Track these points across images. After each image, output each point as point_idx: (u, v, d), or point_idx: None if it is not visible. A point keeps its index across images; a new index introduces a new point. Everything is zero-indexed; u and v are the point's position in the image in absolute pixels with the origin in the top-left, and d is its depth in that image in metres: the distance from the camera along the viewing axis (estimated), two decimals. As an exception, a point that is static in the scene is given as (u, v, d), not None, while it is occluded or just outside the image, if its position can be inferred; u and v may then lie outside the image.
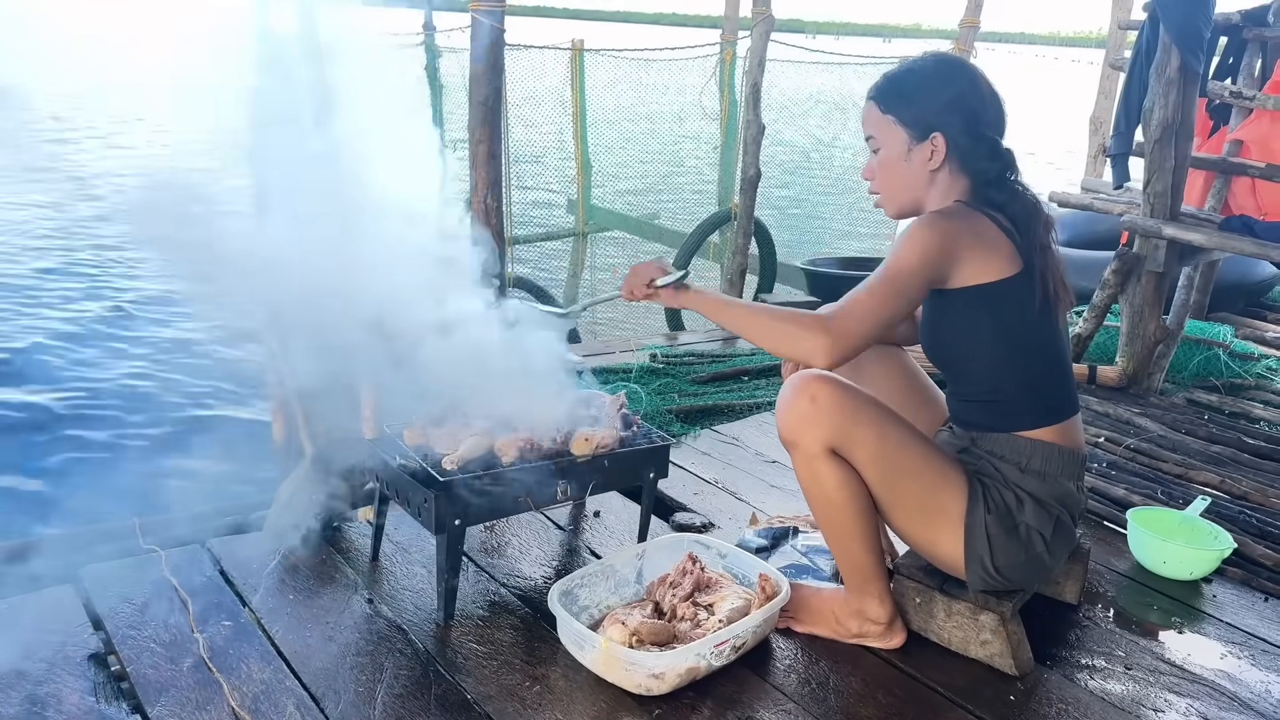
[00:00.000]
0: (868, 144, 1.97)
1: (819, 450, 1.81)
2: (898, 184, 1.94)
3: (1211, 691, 1.95)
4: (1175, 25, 3.38)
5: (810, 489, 1.88)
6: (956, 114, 1.87)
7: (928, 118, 1.87)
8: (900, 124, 1.90)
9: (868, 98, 1.95)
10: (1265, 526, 2.65)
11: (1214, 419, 3.61)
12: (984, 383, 1.93)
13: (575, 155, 7.03)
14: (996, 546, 1.87)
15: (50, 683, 1.77)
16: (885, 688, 1.89)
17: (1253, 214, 4.29)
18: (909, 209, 1.96)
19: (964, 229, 1.82)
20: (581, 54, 6.71)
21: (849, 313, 1.76)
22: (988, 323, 1.86)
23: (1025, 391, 1.92)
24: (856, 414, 1.81)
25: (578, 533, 2.48)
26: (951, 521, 1.89)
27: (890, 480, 1.86)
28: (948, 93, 1.88)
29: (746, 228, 6.02)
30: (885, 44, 44.27)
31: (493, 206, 3.83)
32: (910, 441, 1.87)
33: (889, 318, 1.78)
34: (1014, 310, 1.86)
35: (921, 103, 1.88)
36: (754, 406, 3.51)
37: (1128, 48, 4.87)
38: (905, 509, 1.90)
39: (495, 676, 1.85)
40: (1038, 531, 1.89)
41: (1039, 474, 1.91)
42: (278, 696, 1.76)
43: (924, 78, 1.91)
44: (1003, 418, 1.94)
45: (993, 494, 1.89)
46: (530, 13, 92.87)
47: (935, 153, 1.88)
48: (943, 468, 1.89)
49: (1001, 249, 1.83)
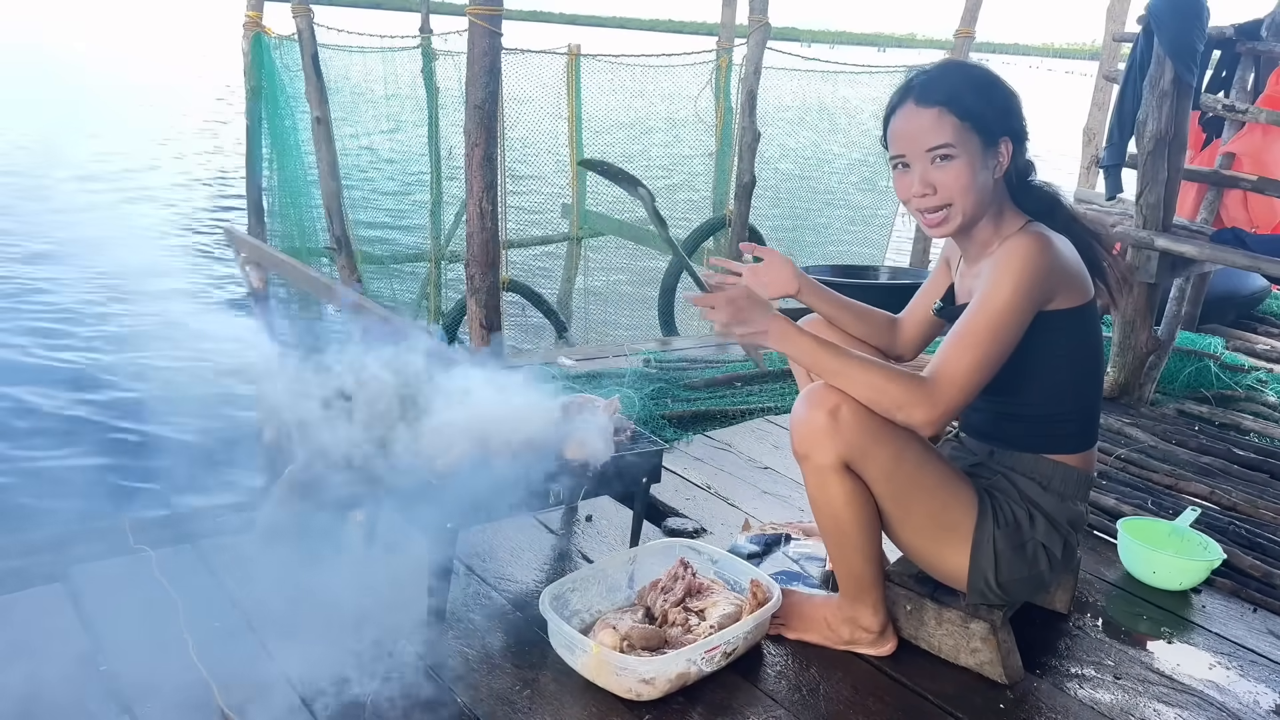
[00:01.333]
0: (932, 153, 1.78)
1: (832, 464, 1.77)
2: (975, 196, 1.80)
3: (1200, 702, 1.96)
4: (1169, 38, 3.40)
5: (818, 502, 1.85)
6: (1015, 118, 1.82)
7: (995, 123, 1.80)
8: (975, 131, 1.78)
9: (930, 104, 1.78)
10: (1254, 537, 2.66)
11: (1204, 430, 3.62)
12: (1040, 404, 1.90)
13: (570, 160, 7.04)
14: (1003, 563, 1.86)
15: (39, 683, 1.76)
16: (875, 695, 1.89)
17: (1244, 226, 4.31)
18: (972, 223, 1.85)
19: (1061, 256, 1.78)
20: (578, 59, 6.72)
21: (952, 378, 1.70)
22: (1064, 346, 1.84)
23: (1077, 416, 1.93)
24: (877, 431, 1.75)
25: (569, 537, 2.48)
26: (960, 538, 1.86)
27: (902, 497, 1.83)
28: (1004, 95, 1.82)
29: (741, 234, 6.04)
30: (880, 53, 44.41)
31: (488, 210, 3.84)
32: (925, 459, 1.83)
33: (991, 372, 1.72)
34: (1089, 335, 1.87)
35: (991, 106, 1.80)
36: (747, 412, 3.51)
37: (1121, 60, 4.90)
38: (914, 525, 1.87)
39: (486, 680, 1.85)
40: (1046, 549, 1.89)
41: (1059, 494, 1.91)
42: (268, 699, 1.75)
43: (983, 80, 1.82)
44: (1045, 439, 1.92)
45: (1003, 510, 1.88)
46: (526, 17, 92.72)
47: (1002, 161, 1.82)
48: (954, 485, 1.87)
49: (1083, 273, 1.83)
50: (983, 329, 1.72)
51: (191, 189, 12.43)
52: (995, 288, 1.73)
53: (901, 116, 1.83)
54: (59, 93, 18.14)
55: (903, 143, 1.83)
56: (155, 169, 13.27)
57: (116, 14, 52.76)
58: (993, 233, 1.88)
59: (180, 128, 16.70)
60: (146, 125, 16.67)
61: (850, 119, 7.86)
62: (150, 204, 11.79)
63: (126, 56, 27.46)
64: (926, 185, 1.81)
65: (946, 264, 2.14)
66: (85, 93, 19.56)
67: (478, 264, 3.89)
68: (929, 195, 1.81)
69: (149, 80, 22.01)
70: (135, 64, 25.46)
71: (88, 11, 51.16)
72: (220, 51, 17.30)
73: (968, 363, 1.71)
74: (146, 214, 11.26)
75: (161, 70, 24.43)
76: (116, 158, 13.74)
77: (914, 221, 1.94)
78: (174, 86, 21.86)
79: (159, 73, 23.77)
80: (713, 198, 7.23)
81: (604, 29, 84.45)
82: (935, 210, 1.83)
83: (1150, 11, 3.50)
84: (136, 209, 11.45)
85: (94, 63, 24.18)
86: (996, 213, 1.87)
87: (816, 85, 7.56)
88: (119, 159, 13.81)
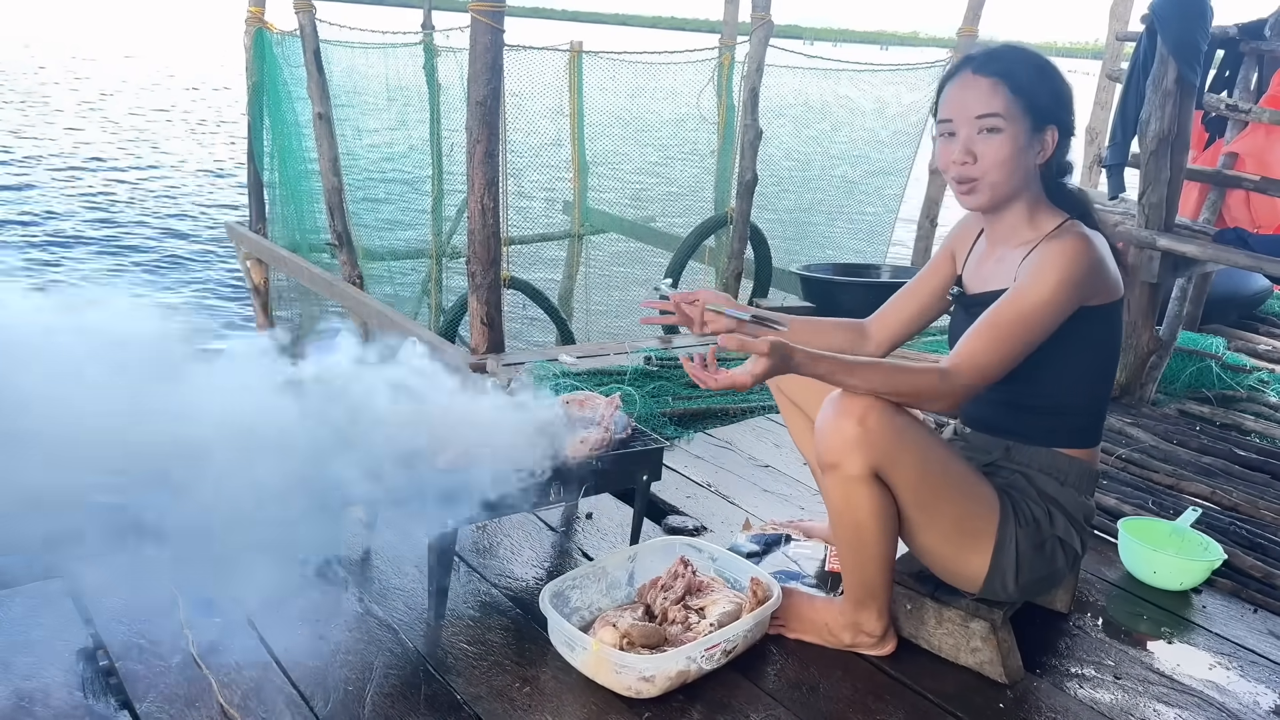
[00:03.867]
0: (980, 121, 1.77)
1: (861, 474, 1.73)
2: (1012, 173, 1.80)
3: (1200, 702, 1.96)
4: (1173, 37, 3.39)
5: (842, 512, 1.81)
6: (1065, 109, 1.82)
7: (1046, 107, 1.79)
8: (1026, 111, 1.77)
9: (987, 74, 1.78)
10: (1255, 538, 2.66)
11: (1205, 430, 3.62)
12: (1056, 395, 1.90)
13: (572, 157, 7.03)
14: (1024, 563, 1.86)
15: (38, 678, 1.76)
16: (875, 694, 1.89)
17: (1247, 226, 4.31)
18: (1003, 202, 1.85)
19: (1104, 258, 1.79)
20: (580, 56, 6.71)
21: (980, 367, 1.71)
22: (1090, 340, 1.84)
23: (1090, 410, 1.93)
24: (904, 437, 1.73)
25: (570, 534, 2.48)
26: (983, 541, 1.85)
27: (927, 503, 1.81)
28: (1060, 84, 1.81)
29: (743, 232, 6.03)
30: (883, 51, 44.34)
31: (489, 206, 3.84)
32: (949, 462, 1.82)
33: (1015, 364, 1.74)
34: (1114, 332, 1.87)
35: (1046, 91, 1.79)
36: (748, 411, 3.51)
37: (1124, 59, 4.89)
38: (939, 530, 1.85)
39: (485, 677, 1.85)
40: (1064, 544, 1.89)
41: (1075, 489, 1.91)
42: (267, 694, 1.75)
43: (1041, 64, 1.81)
44: (1057, 432, 1.93)
45: (1023, 509, 1.88)
46: (528, 14, 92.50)
47: (1045, 147, 1.82)
48: (977, 487, 1.85)
49: (1117, 272, 1.83)
50: (1018, 321, 1.72)
51: (193, 185, 12.43)
52: (1037, 283, 1.73)
53: (957, 84, 1.83)
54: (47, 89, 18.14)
55: (953, 108, 1.82)
56: (156, 166, 13.27)
57: (111, 14, 52.74)
58: (1025, 220, 1.88)
59: (181, 123, 16.70)
60: (146, 122, 16.67)
61: (853, 117, 7.84)
62: (152, 200, 11.78)
63: (132, 52, 27.45)
64: (968, 153, 1.80)
65: (951, 256, 2.11)
66: (87, 84, 19.57)
67: (479, 260, 3.90)
68: (968, 163, 1.80)
69: (150, 75, 22.00)
70: (137, 58, 25.46)
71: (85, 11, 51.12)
72: (223, 47, 17.29)
73: (997, 354, 1.72)
74: (148, 210, 11.26)
75: (164, 65, 24.41)
76: (113, 153, 13.74)
77: (916, 221, 1.94)
78: (174, 82, 21.85)
79: (160, 67, 23.76)
80: (714, 196, 7.22)
81: (606, 26, 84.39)
82: (970, 180, 1.82)
83: (1154, 10, 3.49)
84: (138, 205, 11.46)
85: (98, 60, 24.17)
86: (1032, 201, 1.87)
87: (819, 83, 7.55)
88: (117, 155, 13.82)
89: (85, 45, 28.61)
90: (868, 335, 2.18)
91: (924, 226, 6.42)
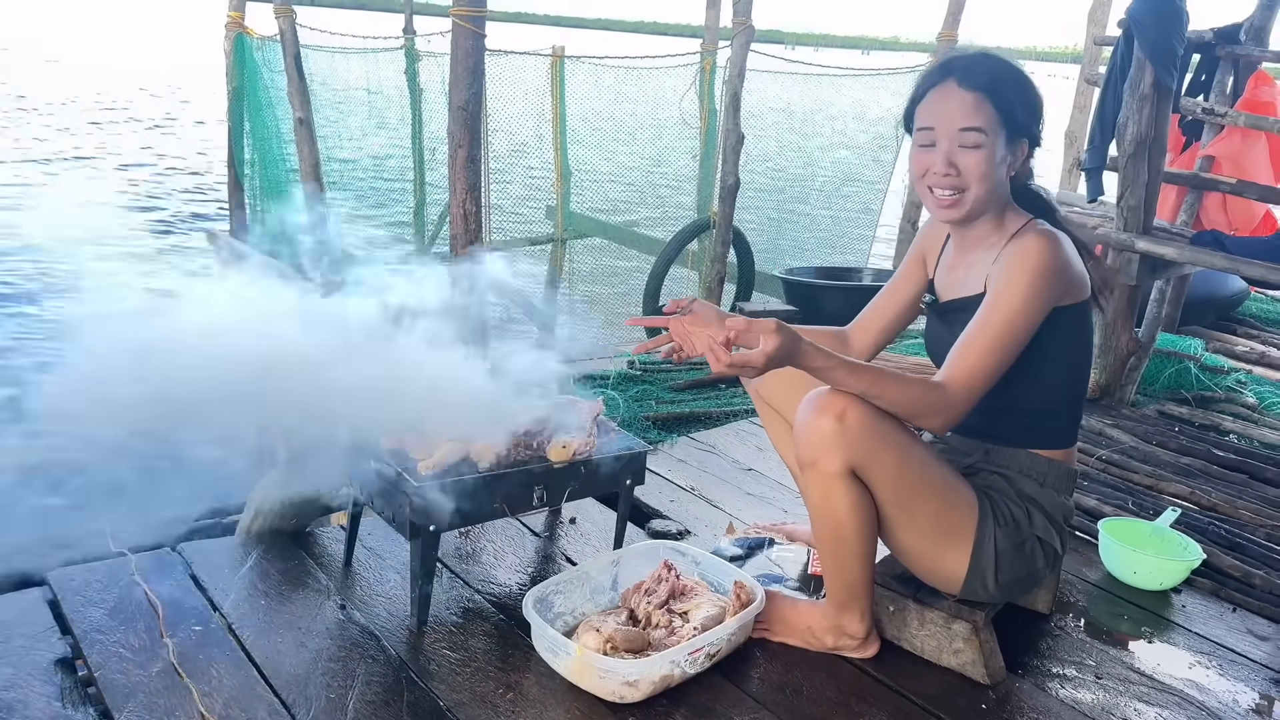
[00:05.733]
0: (964, 134, 1.78)
1: (839, 471, 1.75)
2: (991, 188, 1.82)
3: (1180, 701, 1.97)
4: (1150, 42, 3.43)
5: (820, 509, 1.82)
6: (1038, 123, 1.85)
7: (1023, 122, 1.82)
8: (1004, 125, 1.79)
9: (972, 87, 1.78)
10: (1233, 538, 2.68)
11: (1184, 431, 3.65)
12: (1035, 398, 1.91)
13: (554, 162, 7.03)
14: (1003, 563, 1.87)
15: (16, 688, 1.74)
16: (859, 696, 1.89)
17: (1224, 229, 4.35)
18: (980, 212, 1.86)
19: (1069, 254, 1.80)
20: (562, 61, 6.71)
21: (971, 383, 1.72)
22: (1064, 341, 1.85)
23: (1068, 411, 1.95)
24: (882, 436, 1.74)
25: (553, 539, 2.47)
26: (962, 540, 1.86)
27: (905, 501, 1.82)
28: (1036, 98, 1.83)
29: (725, 236, 6.04)
30: (864, 56, 44.58)
31: (472, 211, 3.83)
32: (928, 461, 1.83)
33: (1004, 371, 1.75)
34: (1085, 332, 1.89)
35: (1023, 105, 1.81)
36: (731, 414, 3.52)
37: (1102, 63, 4.94)
38: (916, 528, 1.86)
39: (468, 683, 1.84)
40: (1043, 544, 1.90)
41: (1054, 489, 1.93)
42: (248, 702, 1.74)
43: (1019, 77, 1.83)
44: (1036, 434, 1.94)
45: (1002, 509, 1.89)
46: (510, 18, 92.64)
47: (1017, 159, 1.84)
48: (956, 486, 1.87)
49: (1083, 270, 1.84)
50: (1001, 330, 1.73)
51: (172, 190, 12.34)
52: (1010, 288, 1.75)
53: (940, 93, 1.82)
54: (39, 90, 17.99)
55: (935, 117, 1.81)
56: (135, 170, 13.17)
57: (97, 13, 52.38)
58: (993, 227, 1.90)
59: (159, 128, 16.58)
60: (123, 125, 16.54)
61: (834, 121, 7.88)
62: (131, 205, 11.70)
63: (114, 56, 27.27)
64: (950, 165, 1.81)
65: (921, 260, 2.12)
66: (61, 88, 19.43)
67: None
68: (951, 175, 1.81)
69: (128, 79, 21.86)
70: (118, 63, 25.29)
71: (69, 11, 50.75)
72: (202, 52, 17.18)
73: (988, 365, 1.73)
74: (125, 215, 11.18)
75: (143, 70, 24.26)
76: (97, 154, 13.63)
77: (896, 224, 1.96)
78: (153, 87, 21.71)
79: (141, 73, 23.61)
80: (697, 199, 7.24)
81: (588, 30, 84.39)
82: (953, 192, 1.82)
83: (1131, 15, 3.52)
84: (115, 209, 11.37)
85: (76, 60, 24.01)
86: (1000, 208, 1.89)
87: (800, 87, 7.59)
88: (99, 155, 13.70)
89: (54, 46, 28.37)
90: (849, 342, 2.18)
91: (905, 230, 6.45)
